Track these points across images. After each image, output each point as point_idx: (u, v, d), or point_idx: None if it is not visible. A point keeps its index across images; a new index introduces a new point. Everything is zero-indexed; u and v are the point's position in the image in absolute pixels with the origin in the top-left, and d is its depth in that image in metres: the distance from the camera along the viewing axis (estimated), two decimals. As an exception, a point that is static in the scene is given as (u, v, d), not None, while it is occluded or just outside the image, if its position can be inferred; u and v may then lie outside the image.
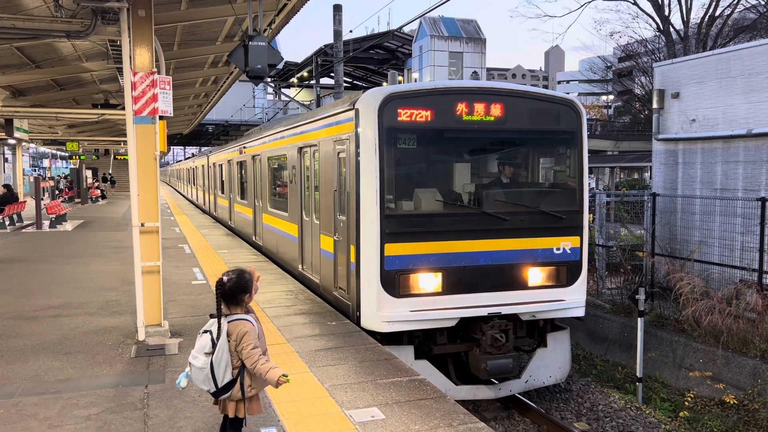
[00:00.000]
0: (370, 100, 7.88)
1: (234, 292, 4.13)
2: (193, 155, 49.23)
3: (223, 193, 22.17)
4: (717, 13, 25.21)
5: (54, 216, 22.21)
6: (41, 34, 8.64)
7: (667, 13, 25.92)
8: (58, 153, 56.48)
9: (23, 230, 21.27)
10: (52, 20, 8.41)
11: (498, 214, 8.14)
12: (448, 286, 7.97)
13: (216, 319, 4.12)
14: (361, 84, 52.53)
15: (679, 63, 13.16)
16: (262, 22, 9.44)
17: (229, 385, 4.12)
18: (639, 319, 9.96)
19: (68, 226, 22.48)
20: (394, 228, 7.77)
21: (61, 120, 23.29)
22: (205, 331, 4.17)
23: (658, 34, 27.36)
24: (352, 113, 8.09)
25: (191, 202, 36.78)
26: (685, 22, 25.92)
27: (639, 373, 9.91)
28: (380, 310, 7.78)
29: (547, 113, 8.61)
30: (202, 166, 29.51)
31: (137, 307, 7.45)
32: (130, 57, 7.35)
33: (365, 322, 7.94)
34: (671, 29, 26.15)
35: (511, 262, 8.23)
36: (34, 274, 12.33)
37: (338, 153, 8.76)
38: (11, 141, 25.72)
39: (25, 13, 8.87)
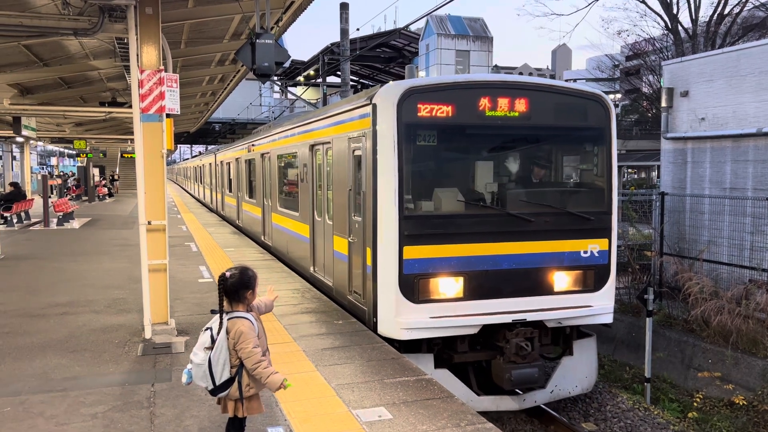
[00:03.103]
0: (388, 95, 7.50)
1: (236, 287, 4.12)
2: (200, 153, 49.34)
3: (230, 191, 21.97)
4: (726, 12, 25.04)
5: (61, 214, 22.28)
6: (49, 32, 8.62)
7: (675, 11, 25.77)
8: (66, 151, 56.74)
9: (31, 228, 21.34)
10: (60, 18, 8.40)
11: (522, 215, 7.74)
12: (469, 291, 7.58)
13: (218, 315, 4.10)
14: (367, 82, 52.48)
15: (688, 61, 13.07)
16: (269, 20, 9.40)
17: (227, 384, 4.09)
18: (647, 318, 9.90)
19: (75, 224, 22.55)
20: (413, 230, 7.41)
21: (68, 118, 23.33)
22: (207, 328, 4.17)
23: (666, 32, 27.19)
24: (368, 109, 7.74)
25: (198, 200, 36.76)
26: (694, 21, 25.75)
27: (647, 374, 9.84)
28: (398, 317, 7.41)
29: (574, 109, 8.18)
30: (210, 164, 29.31)
31: (144, 305, 7.44)
32: (138, 55, 7.33)
33: (382, 329, 7.60)
34: (679, 27, 26.00)
35: (536, 266, 7.84)
36: (41, 272, 12.36)
37: (353, 151, 8.44)
38: (19, 139, 25.79)
39: (33, 11, 8.87)
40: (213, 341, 4.06)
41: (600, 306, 8.14)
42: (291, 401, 5.50)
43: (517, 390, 8.07)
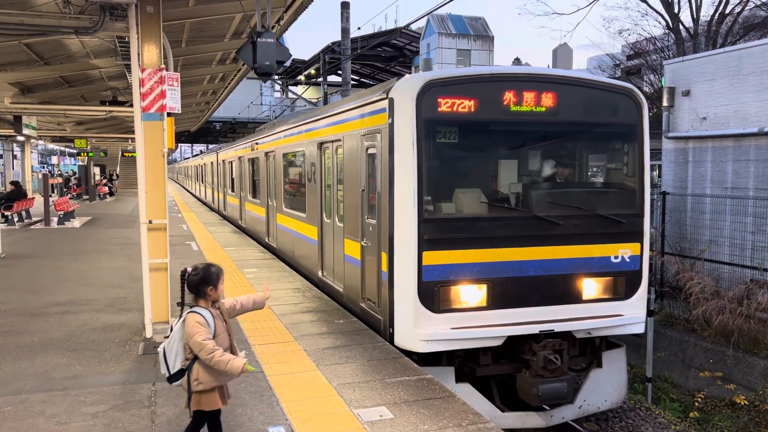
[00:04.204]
0: (406, 88, 6.96)
1: (196, 283, 4.25)
2: (201, 152, 49.33)
3: (233, 191, 21.53)
4: (727, 11, 25.00)
5: (62, 213, 22.29)
6: (49, 31, 8.62)
7: (676, 10, 25.72)
8: (67, 150, 56.74)
9: (31, 227, 21.34)
10: (61, 17, 8.40)
11: (550, 217, 7.22)
12: (493, 299, 7.08)
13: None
14: (368, 81, 52.45)
15: (689, 60, 13.05)
16: (270, 19, 9.39)
17: (179, 374, 4.24)
18: (648, 318, 9.88)
19: (76, 222, 22.56)
20: (433, 233, 6.87)
21: (69, 117, 23.36)
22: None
23: (667, 31, 27.15)
24: (384, 103, 7.22)
25: (199, 200, 36.53)
26: (695, 20, 25.70)
27: (648, 373, 9.84)
28: (417, 327, 6.88)
29: (604, 103, 7.65)
30: (211, 163, 28.89)
31: (145, 304, 7.44)
32: (139, 54, 7.33)
33: (400, 341, 7.08)
34: (681, 27, 25.96)
35: (565, 273, 7.33)
36: (41, 271, 12.35)
37: (367, 148, 7.93)
38: (20, 138, 25.82)
39: (34, 9, 8.86)
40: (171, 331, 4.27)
41: (631, 315, 7.64)
42: (292, 401, 5.49)
43: (544, 406, 7.55)
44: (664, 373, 10.52)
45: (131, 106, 9.51)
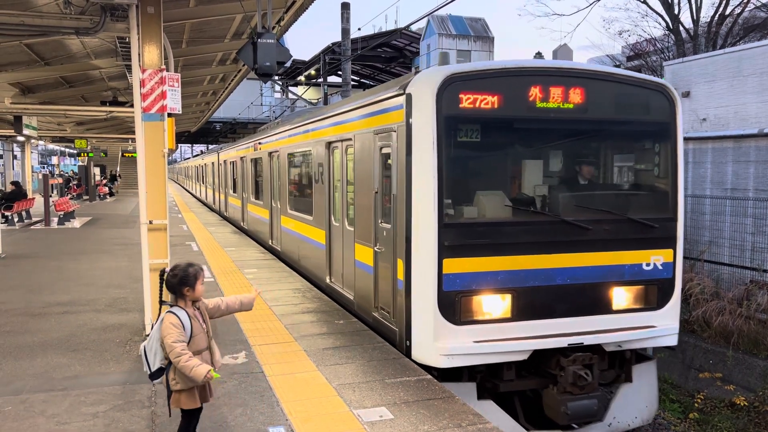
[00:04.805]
0: (426, 83, 6.48)
1: (173, 284, 4.27)
2: (201, 152, 49.34)
3: (235, 192, 21.16)
4: (727, 12, 25.02)
5: (62, 213, 22.30)
6: (50, 31, 8.64)
7: (676, 11, 25.75)
8: (67, 150, 56.76)
9: (32, 227, 21.35)
10: (62, 17, 8.41)
11: (579, 222, 6.77)
12: (518, 310, 6.63)
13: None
14: (368, 82, 52.48)
15: (689, 62, 13.06)
16: (270, 20, 9.40)
17: (159, 372, 4.30)
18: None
19: (76, 223, 22.57)
20: (454, 239, 6.42)
21: (69, 117, 23.37)
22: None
23: (667, 32, 27.18)
24: (401, 99, 6.76)
25: (200, 201, 36.25)
26: (695, 21, 25.73)
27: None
28: (437, 341, 6.40)
29: (635, 100, 7.18)
30: (212, 163, 28.53)
31: (145, 304, 7.45)
32: (139, 54, 7.34)
33: (418, 354, 6.61)
34: (681, 28, 25.99)
35: (594, 281, 6.88)
36: (42, 271, 12.36)
37: (381, 148, 7.49)
38: (20, 138, 25.83)
39: (35, 10, 8.87)
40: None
41: (664, 326, 7.18)
42: (292, 401, 5.50)
43: (572, 424, 7.07)
44: (664, 374, 10.52)
45: (132, 106, 9.53)
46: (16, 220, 21.71)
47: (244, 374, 6.17)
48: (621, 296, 7.04)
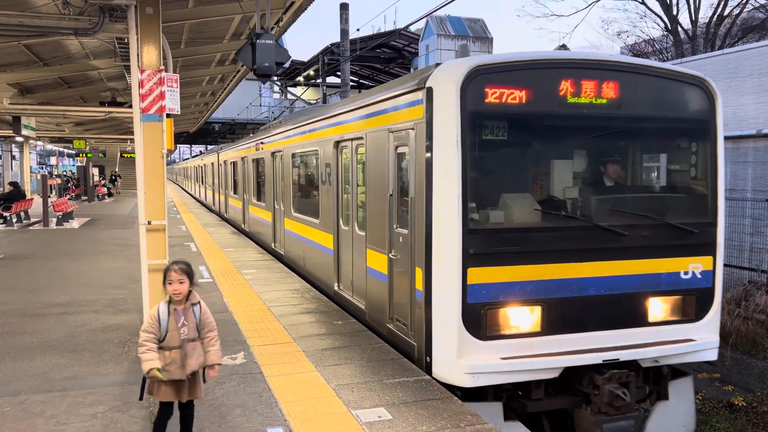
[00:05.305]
0: (449, 76, 5.99)
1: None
2: (200, 153, 49.33)
3: (235, 193, 20.70)
4: (725, 13, 25.08)
5: (61, 213, 22.29)
6: (49, 32, 8.64)
7: (675, 12, 25.81)
8: (65, 151, 56.75)
9: (30, 227, 21.34)
10: (60, 18, 8.41)
11: (614, 227, 6.28)
12: (548, 323, 6.15)
13: None
14: (367, 83, 52.51)
15: (687, 62, 13.08)
16: (269, 20, 9.41)
17: None
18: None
19: (75, 223, 22.56)
20: (480, 247, 5.93)
21: (68, 118, 23.37)
22: None
23: (666, 33, 27.24)
24: (420, 94, 6.28)
25: (200, 202, 35.86)
26: (693, 22, 25.79)
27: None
28: (462, 357, 5.90)
29: (673, 95, 6.70)
30: (212, 164, 28.08)
31: (144, 304, 7.44)
32: (138, 55, 7.34)
33: (440, 372, 6.11)
34: (679, 29, 26.04)
35: (629, 291, 6.40)
36: (40, 272, 12.36)
37: (396, 147, 7.01)
38: (19, 138, 25.82)
39: (33, 10, 8.88)
40: None
41: (704, 339, 6.64)
42: (291, 401, 5.50)
43: None
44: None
45: (130, 107, 9.52)
46: (14, 220, 21.70)
47: (243, 375, 6.18)
48: (658, 307, 6.58)
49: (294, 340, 7.41)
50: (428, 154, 6.12)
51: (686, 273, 6.63)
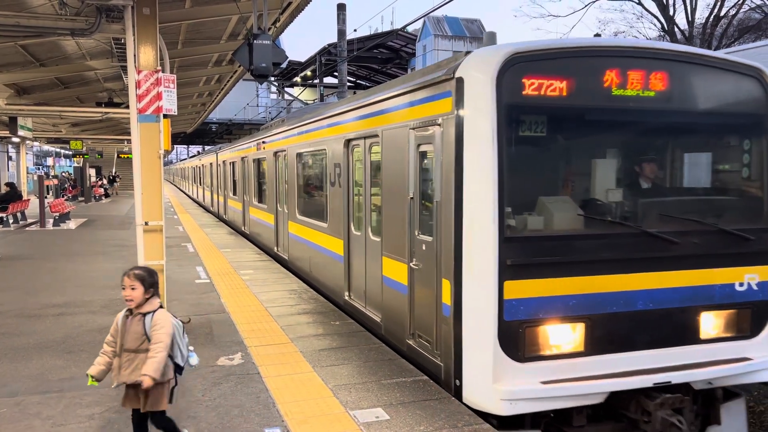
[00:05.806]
0: (483, 64, 5.35)
1: None
2: (198, 153, 49.28)
3: (235, 194, 20.07)
4: (722, 13, 25.15)
5: (57, 214, 22.26)
6: (46, 32, 8.64)
7: (671, 13, 25.88)
8: (62, 151, 56.66)
9: (27, 228, 21.30)
10: (57, 18, 8.41)
11: (664, 234, 5.65)
12: (593, 342, 5.50)
13: None
14: (364, 83, 52.55)
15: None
16: (266, 21, 9.42)
17: (179, 369, 4.65)
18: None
19: (72, 224, 22.52)
20: (518, 257, 5.27)
21: (65, 118, 23.37)
22: None
23: (662, 34, 27.30)
24: (448, 85, 5.63)
25: (198, 203, 35.45)
26: (690, 22, 25.86)
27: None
28: (498, 382, 5.25)
29: (726, 87, 6.05)
30: (210, 164, 27.51)
31: (141, 305, 7.42)
32: (135, 55, 7.34)
33: (472, 398, 5.46)
34: (676, 29, 26.10)
35: (680, 306, 5.76)
36: (37, 272, 12.33)
37: (418, 145, 6.35)
38: (15, 139, 25.79)
39: (30, 10, 8.88)
40: None
41: (761, 358, 5.98)
42: (288, 402, 5.50)
43: None
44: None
45: (127, 107, 9.53)
46: (11, 221, 21.67)
47: (240, 375, 6.17)
48: (710, 323, 5.94)
49: (291, 340, 7.41)
50: (458, 153, 5.49)
51: (741, 284, 6.02)
